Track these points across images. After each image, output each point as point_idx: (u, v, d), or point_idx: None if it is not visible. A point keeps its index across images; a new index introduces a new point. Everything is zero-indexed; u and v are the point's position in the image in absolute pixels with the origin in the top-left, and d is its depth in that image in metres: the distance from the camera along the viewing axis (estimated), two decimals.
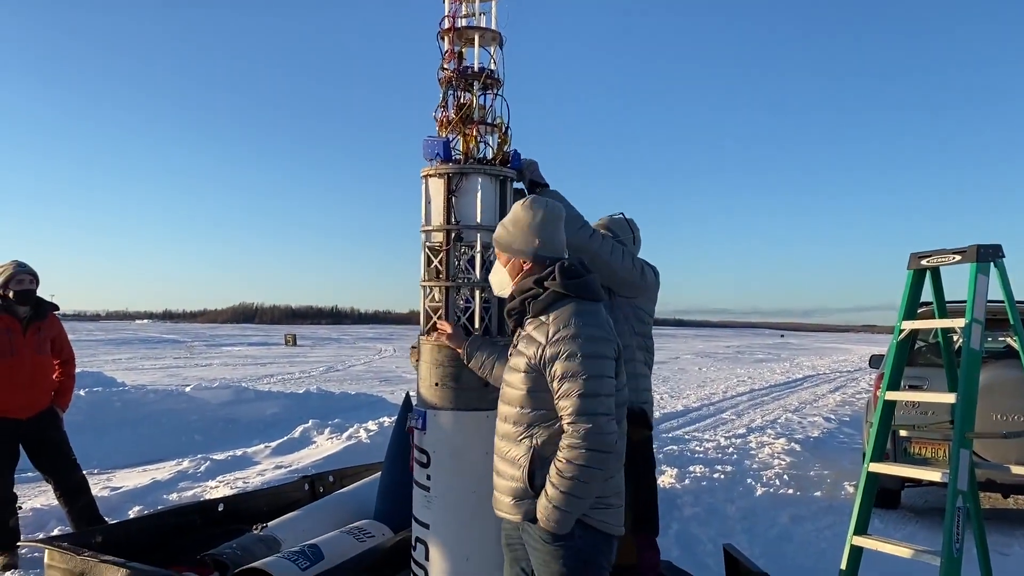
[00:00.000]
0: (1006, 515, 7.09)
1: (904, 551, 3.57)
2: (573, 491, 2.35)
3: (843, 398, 17.75)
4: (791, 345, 68.59)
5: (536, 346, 2.47)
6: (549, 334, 2.45)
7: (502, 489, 2.57)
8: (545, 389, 2.46)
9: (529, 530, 2.52)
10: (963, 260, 3.62)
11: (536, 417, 2.49)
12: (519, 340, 2.60)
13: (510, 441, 2.54)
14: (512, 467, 2.52)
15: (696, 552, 5.36)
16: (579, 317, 2.46)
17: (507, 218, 2.73)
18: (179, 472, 7.56)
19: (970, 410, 3.44)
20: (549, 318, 2.49)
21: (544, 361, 2.44)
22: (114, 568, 3.74)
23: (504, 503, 2.57)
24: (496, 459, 2.62)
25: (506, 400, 2.58)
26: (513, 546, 2.70)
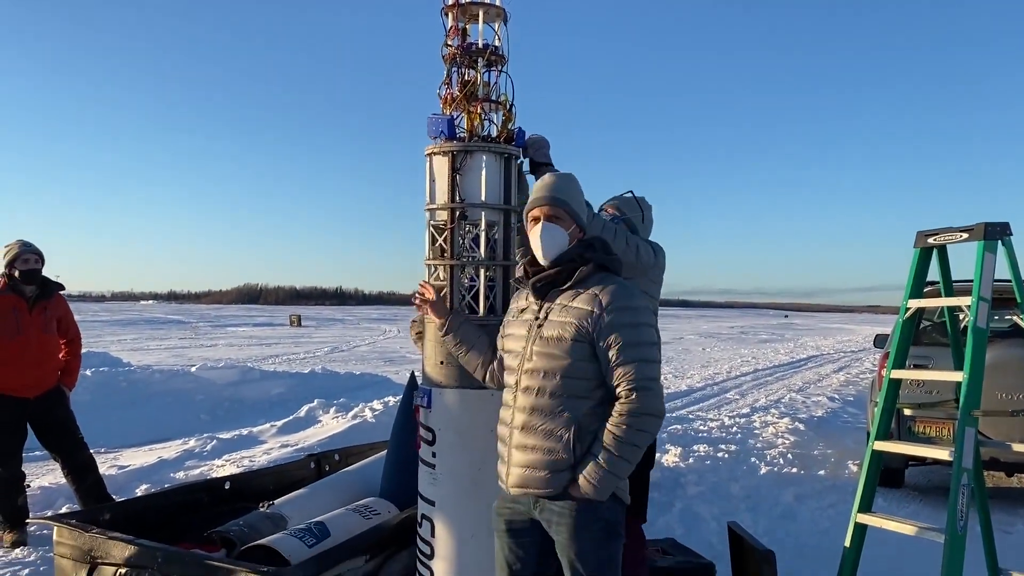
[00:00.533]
0: (1009, 494, 7.11)
1: (908, 528, 3.58)
2: (628, 456, 2.43)
3: (847, 378, 17.77)
4: (795, 325, 68.58)
5: (585, 315, 2.47)
6: (603, 303, 2.47)
7: (533, 464, 2.50)
8: (589, 359, 2.48)
9: (554, 506, 2.50)
10: (970, 238, 3.60)
11: (577, 388, 2.49)
12: (548, 311, 2.57)
13: (545, 414, 2.50)
14: (549, 440, 2.48)
15: (700, 530, 5.39)
16: (628, 288, 2.55)
17: (566, 184, 2.71)
18: (185, 451, 7.62)
19: (976, 388, 3.44)
20: (593, 289, 2.52)
21: (600, 329, 2.45)
22: (122, 544, 3.77)
23: (535, 479, 2.50)
24: (519, 435, 2.54)
25: (542, 372, 2.51)
26: (516, 530, 2.65)
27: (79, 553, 3.87)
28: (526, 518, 2.62)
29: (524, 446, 2.53)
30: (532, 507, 2.57)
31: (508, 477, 2.58)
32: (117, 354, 16.28)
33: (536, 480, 2.51)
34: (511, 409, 2.61)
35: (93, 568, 3.82)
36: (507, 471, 2.59)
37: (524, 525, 2.63)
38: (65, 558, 3.92)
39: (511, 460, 2.57)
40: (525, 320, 2.65)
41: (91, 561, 3.83)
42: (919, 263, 3.85)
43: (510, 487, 2.58)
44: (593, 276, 2.58)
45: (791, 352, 28.09)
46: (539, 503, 2.54)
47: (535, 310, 2.63)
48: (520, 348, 2.61)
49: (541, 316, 2.59)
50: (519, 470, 2.54)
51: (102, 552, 3.81)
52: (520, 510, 2.63)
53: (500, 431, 2.67)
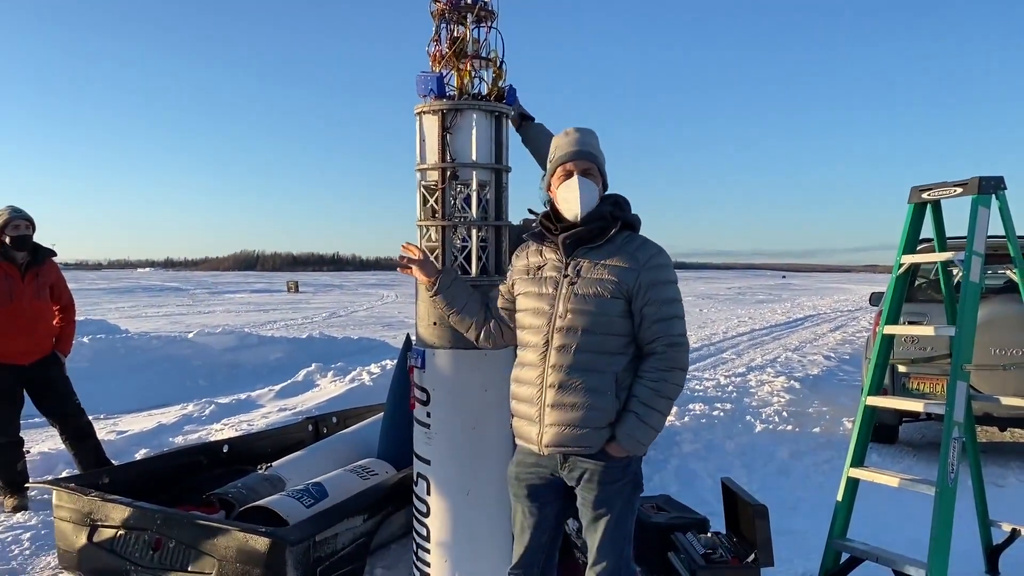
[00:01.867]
0: (1002, 448, 7.18)
1: (899, 481, 3.61)
2: (664, 409, 2.51)
3: (843, 337, 17.82)
4: (792, 286, 68.69)
5: (624, 272, 2.48)
6: (641, 260, 2.50)
7: (572, 422, 2.47)
8: (625, 315, 2.50)
9: (586, 464, 2.51)
10: (964, 192, 3.58)
11: (615, 344, 2.50)
12: (580, 268, 2.53)
13: (583, 372, 2.47)
14: (591, 396, 2.46)
15: (695, 487, 5.44)
16: (661, 249, 2.59)
17: (594, 138, 2.66)
18: (184, 416, 7.65)
19: (968, 342, 3.44)
20: (630, 247, 2.54)
21: (639, 285, 2.48)
22: (121, 507, 3.80)
23: (574, 436, 2.47)
24: (555, 393, 2.49)
25: (579, 329, 2.48)
26: (537, 493, 2.63)
27: (79, 516, 3.91)
28: (548, 480, 2.61)
29: (563, 404, 2.49)
30: (560, 466, 2.56)
31: (542, 436, 2.53)
32: (115, 322, 16.27)
33: (575, 437, 2.48)
34: (539, 368, 2.53)
35: (93, 531, 3.86)
36: (539, 431, 2.53)
37: (545, 487, 2.63)
38: (65, 521, 3.96)
39: (545, 419, 2.52)
40: (548, 277, 2.59)
41: (91, 524, 3.87)
42: (913, 218, 3.83)
43: (544, 446, 2.53)
44: (620, 234, 2.58)
45: (788, 312, 28.16)
46: (570, 461, 2.54)
47: (559, 267, 2.58)
48: (546, 306, 2.55)
49: (571, 273, 2.54)
50: (556, 428, 2.50)
51: (102, 515, 3.86)
52: (543, 473, 2.61)
53: (523, 392, 2.59)
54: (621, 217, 2.60)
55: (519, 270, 2.72)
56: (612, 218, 2.58)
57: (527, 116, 3.49)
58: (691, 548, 3.66)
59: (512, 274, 2.77)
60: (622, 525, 2.56)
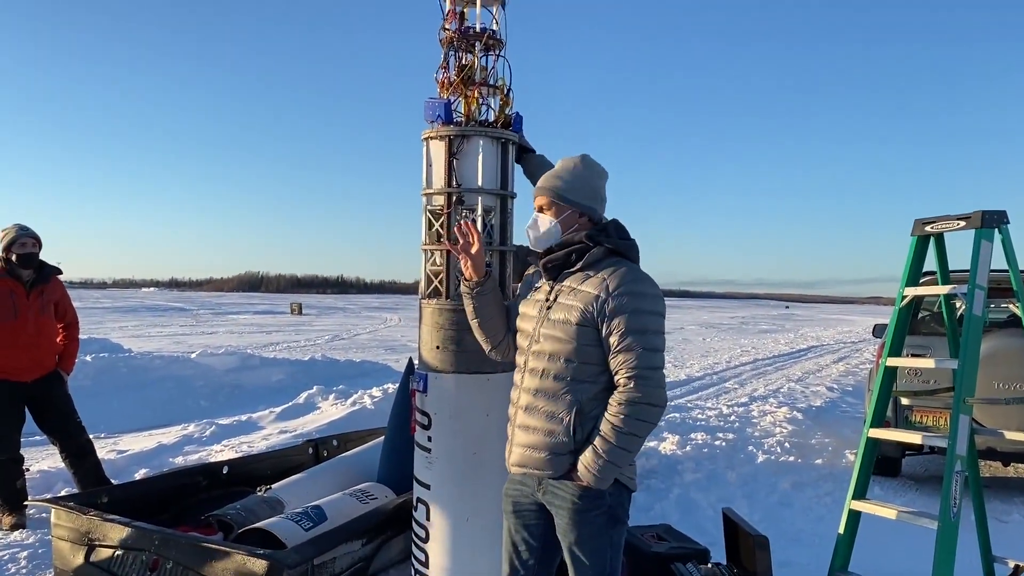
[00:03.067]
0: (1007, 483, 7.12)
1: (902, 515, 3.60)
2: (626, 445, 2.40)
3: (847, 368, 17.78)
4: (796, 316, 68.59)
5: (591, 299, 2.45)
6: (609, 288, 2.44)
7: (534, 445, 2.51)
8: (594, 343, 2.46)
9: (556, 489, 2.50)
10: (967, 226, 3.60)
11: (581, 372, 2.47)
12: (557, 293, 2.56)
13: (548, 396, 2.49)
14: (550, 422, 2.48)
15: (696, 516, 5.41)
16: (638, 273, 2.51)
17: (564, 170, 2.68)
18: (185, 436, 7.64)
19: (971, 375, 3.44)
20: (602, 273, 2.50)
21: (604, 314, 2.43)
22: (119, 527, 3.79)
23: (535, 459, 2.51)
24: (523, 415, 2.55)
25: (547, 354, 2.51)
26: (521, 511, 2.65)
27: (77, 535, 3.90)
28: (532, 500, 2.61)
29: (527, 426, 2.54)
30: (536, 488, 2.57)
31: (510, 456, 2.60)
32: (118, 340, 16.30)
33: (536, 460, 2.51)
34: (518, 389, 2.61)
35: (90, 550, 3.85)
36: (510, 450, 2.61)
37: (530, 507, 2.63)
38: (63, 540, 3.94)
39: (514, 439, 2.59)
40: (537, 300, 2.64)
41: (88, 543, 3.85)
42: (916, 251, 3.85)
43: (511, 465, 2.61)
44: (605, 260, 2.55)
45: (791, 342, 28.09)
46: (543, 484, 2.55)
47: (547, 291, 2.62)
48: (530, 329, 2.61)
49: (551, 298, 2.58)
50: (520, 449, 2.56)
51: (99, 534, 3.84)
52: (526, 491, 2.62)
53: (509, 411, 2.67)
54: (604, 242, 2.57)
55: (524, 287, 2.80)
56: (592, 242, 2.57)
57: (528, 148, 3.52)
58: None
59: (519, 291, 2.85)
60: (599, 560, 2.50)
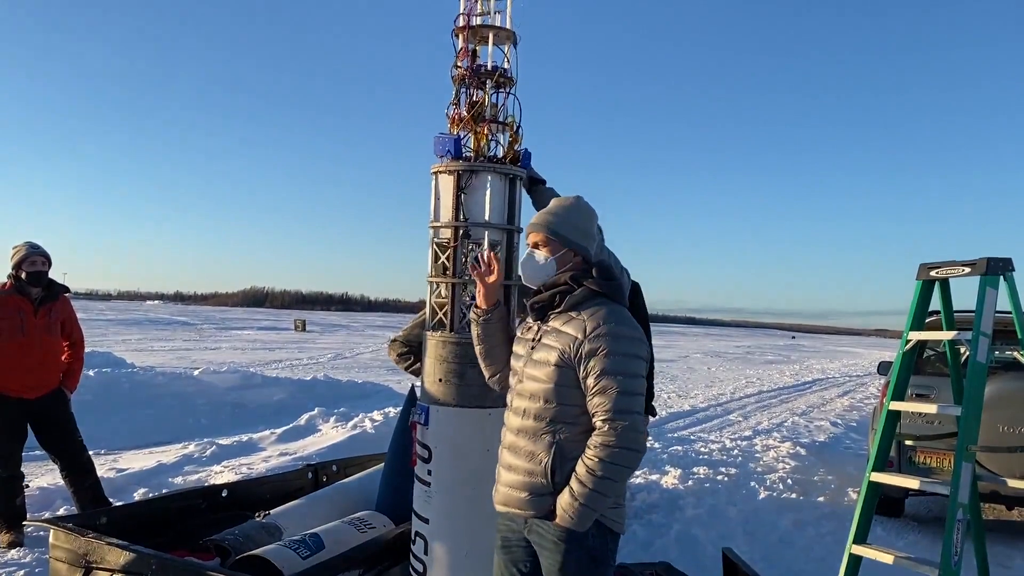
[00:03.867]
0: (1010, 527, 7.06)
1: (903, 562, 3.57)
2: (602, 489, 2.37)
3: (851, 403, 17.68)
4: (802, 347, 68.33)
5: (570, 340, 2.45)
6: (587, 330, 2.44)
7: (515, 485, 2.53)
8: (573, 385, 2.45)
9: (540, 528, 2.50)
10: (972, 272, 3.60)
11: (561, 413, 2.47)
12: (542, 334, 2.56)
13: (529, 436, 2.50)
14: (530, 462, 2.49)
15: (696, 554, 5.36)
16: (616, 316, 2.49)
17: (559, 208, 2.69)
18: (185, 456, 7.63)
19: (974, 423, 3.43)
20: (583, 314, 2.49)
21: (581, 356, 2.43)
22: (117, 551, 3.78)
23: (516, 499, 2.53)
24: (507, 454, 2.58)
25: (528, 394, 2.52)
26: (511, 547, 2.65)
27: (74, 557, 3.89)
28: (520, 536, 2.61)
29: (509, 466, 2.57)
30: (523, 526, 2.58)
31: (496, 494, 2.63)
32: (121, 354, 16.34)
33: (517, 500, 2.54)
34: (504, 429, 2.65)
35: (88, 572, 3.83)
36: (495, 488, 2.64)
37: (519, 543, 2.63)
38: (60, 561, 3.93)
39: (499, 478, 2.62)
40: (525, 340, 2.65)
41: (86, 565, 3.84)
42: (921, 295, 3.85)
43: (496, 503, 2.64)
44: (588, 301, 2.53)
45: (796, 374, 27.97)
46: (528, 523, 2.55)
47: (534, 331, 2.63)
48: (519, 368, 2.62)
49: (535, 339, 2.59)
50: (504, 488, 2.59)
51: (97, 557, 3.83)
52: (514, 527, 2.63)
53: (498, 449, 2.70)
54: (586, 284, 2.55)
55: (517, 328, 2.82)
56: (575, 284, 2.56)
57: (538, 179, 3.55)
58: None
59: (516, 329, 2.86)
60: None
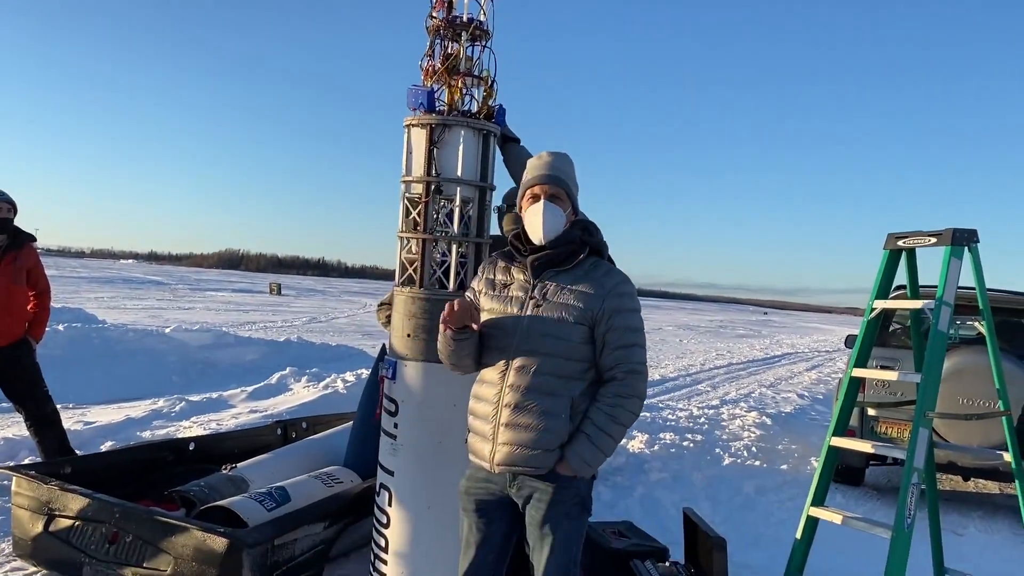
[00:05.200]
0: (965, 497, 7.24)
1: (857, 523, 3.65)
2: (616, 435, 2.52)
3: (819, 376, 17.95)
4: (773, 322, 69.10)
5: (588, 299, 2.52)
6: (607, 287, 2.53)
7: (525, 443, 2.48)
8: (587, 341, 2.52)
9: (536, 483, 2.53)
10: (939, 243, 3.65)
11: (575, 369, 2.52)
12: (547, 291, 2.56)
13: (542, 393, 2.49)
14: (545, 419, 2.48)
15: (658, 516, 5.45)
16: (624, 275, 2.62)
17: (565, 164, 2.69)
18: (154, 411, 7.60)
19: (933, 390, 3.50)
20: (595, 273, 2.58)
21: (603, 312, 2.51)
22: (80, 498, 3.77)
23: (524, 456, 2.49)
24: (511, 413, 2.51)
25: (542, 351, 2.50)
26: (485, 509, 2.64)
27: (37, 504, 3.88)
28: (498, 498, 2.62)
29: (516, 425, 2.51)
30: (509, 484, 2.57)
31: (494, 455, 2.54)
32: (92, 311, 16.14)
33: (525, 458, 2.50)
34: (498, 387, 2.56)
35: (50, 520, 3.83)
36: (492, 449, 2.55)
37: (495, 505, 2.63)
38: (22, 509, 3.92)
39: (498, 438, 2.53)
40: (514, 297, 2.61)
41: (48, 513, 3.84)
42: (887, 265, 3.90)
43: (496, 464, 2.54)
44: (588, 260, 2.62)
45: (766, 348, 28.33)
46: (519, 480, 2.55)
47: (526, 288, 2.60)
48: (511, 326, 2.57)
49: (537, 295, 2.57)
50: (508, 448, 2.51)
51: (60, 504, 3.82)
52: (493, 489, 2.61)
53: (480, 409, 2.61)
54: (589, 243, 2.65)
55: (485, 284, 2.73)
56: (581, 243, 2.63)
57: (511, 137, 3.54)
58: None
59: (477, 287, 2.75)
60: (568, 548, 2.56)
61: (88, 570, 3.68)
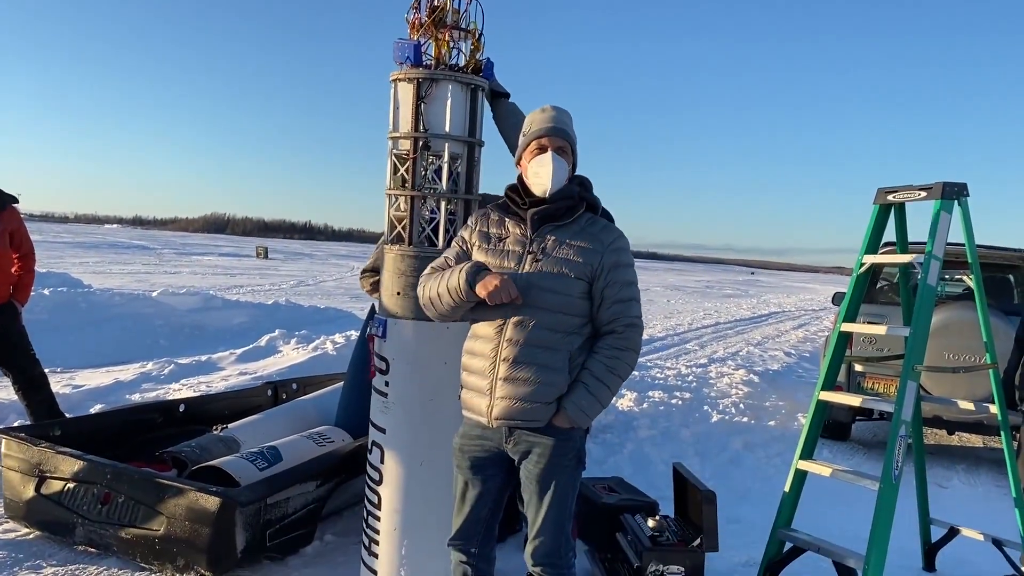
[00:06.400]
0: (950, 451, 7.35)
1: (845, 475, 3.69)
2: (613, 387, 2.57)
3: (805, 335, 18.09)
4: (761, 282, 69.42)
5: (588, 253, 2.54)
6: (605, 242, 2.56)
7: (524, 397, 2.49)
8: (585, 296, 2.55)
9: (532, 437, 2.54)
10: (928, 197, 3.64)
11: (573, 324, 2.54)
12: (546, 245, 2.55)
13: (542, 347, 2.50)
14: (544, 373, 2.49)
15: (648, 472, 5.51)
16: (620, 231, 2.65)
17: (567, 117, 2.68)
18: (143, 374, 7.58)
19: (921, 343, 3.52)
20: (592, 228, 2.60)
21: (601, 268, 2.54)
22: (71, 460, 3.78)
23: (522, 410, 2.50)
24: (509, 367, 2.51)
25: (541, 307, 2.50)
26: (480, 465, 2.64)
27: (27, 466, 3.88)
28: (492, 452, 2.62)
29: (515, 379, 2.50)
30: (505, 439, 2.58)
31: (492, 409, 2.54)
32: (78, 276, 16.01)
33: (523, 412, 2.51)
34: (494, 342, 2.54)
35: (41, 482, 3.84)
36: (489, 403, 2.55)
37: (489, 460, 2.64)
38: (13, 471, 3.92)
39: (496, 392, 2.53)
40: (511, 251, 2.59)
41: (39, 475, 3.84)
42: (877, 219, 3.89)
43: (494, 419, 2.55)
44: (585, 215, 2.64)
45: (753, 308, 28.49)
46: (515, 434, 2.56)
47: (523, 242, 2.59)
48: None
49: (536, 250, 2.56)
50: (507, 402, 2.52)
51: (51, 466, 3.83)
52: (488, 445, 2.62)
53: (476, 364, 2.59)
54: (587, 198, 2.67)
55: (478, 236, 2.69)
56: (580, 199, 2.64)
57: (501, 93, 3.48)
58: (639, 530, 3.72)
59: (470, 238, 2.71)
60: (564, 501, 2.59)
61: (81, 531, 3.70)
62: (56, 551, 3.72)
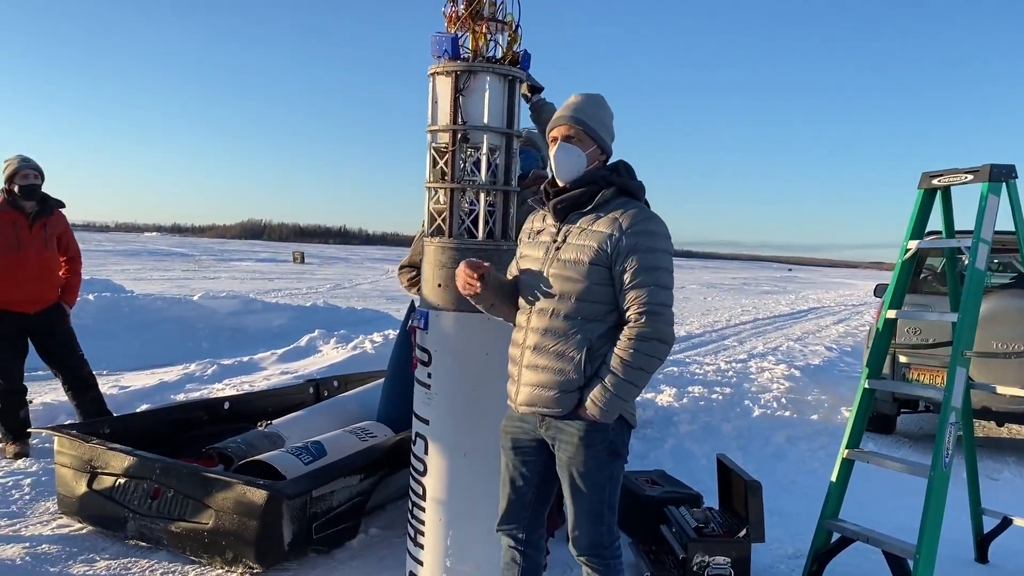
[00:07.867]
0: (999, 443, 7.19)
1: (894, 465, 3.64)
2: (634, 379, 2.44)
3: (846, 329, 17.82)
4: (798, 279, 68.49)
5: (604, 238, 2.47)
6: (624, 226, 2.47)
7: (543, 384, 2.52)
8: (605, 283, 2.48)
9: (560, 425, 2.54)
10: (975, 180, 3.57)
11: (592, 311, 2.49)
12: (567, 234, 2.56)
13: (558, 336, 2.51)
14: (560, 361, 2.49)
15: (690, 465, 5.47)
16: (649, 213, 2.54)
17: (587, 103, 2.65)
18: (186, 375, 7.70)
19: (970, 329, 3.45)
20: (616, 213, 2.51)
21: (618, 252, 2.45)
22: (121, 456, 3.85)
23: (544, 397, 2.52)
24: (531, 354, 2.54)
25: (557, 294, 2.52)
26: (521, 448, 2.67)
27: (79, 463, 3.96)
28: (532, 437, 2.64)
29: (535, 366, 2.54)
30: (539, 425, 2.60)
31: (518, 395, 2.60)
32: (120, 282, 16.34)
33: (545, 399, 2.53)
34: (524, 330, 2.60)
35: (93, 478, 3.92)
36: (517, 390, 2.60)
37: (530, 444, 2.66)
38: (66, 467, 4.01)
39: (521, 379, 2.59)
40: (542, 242, 2.63)
41: (91, 471, 3.92)
42: (922, 204, 3.82)
43: (519, 405, 2.60)
44: (616, 200, 2.56)
45: (792, 304, 28.11)
46: (546, 421, 2.57)
47: (552, 232, 2.62)
48: (536, 270, 2.60)
49: (559, 239, 2.58)
50: (529, 389, 2.56)
51: (102, 462, 3.90)
52: (527, 428, 2.65)
53: (511, 352, 2.67)
54: (616, 182, 2.58)
55: (524, 233, 2.78)
56: (606, 183, 2.58)
57: (536, 86, 3.49)
58: (683, 521, 3.70)
59: (520, 236, 2.80)
60: (598, 493, 2.55)
61: (132, 525, 3.77)
62: (108, 545, 3.79)
